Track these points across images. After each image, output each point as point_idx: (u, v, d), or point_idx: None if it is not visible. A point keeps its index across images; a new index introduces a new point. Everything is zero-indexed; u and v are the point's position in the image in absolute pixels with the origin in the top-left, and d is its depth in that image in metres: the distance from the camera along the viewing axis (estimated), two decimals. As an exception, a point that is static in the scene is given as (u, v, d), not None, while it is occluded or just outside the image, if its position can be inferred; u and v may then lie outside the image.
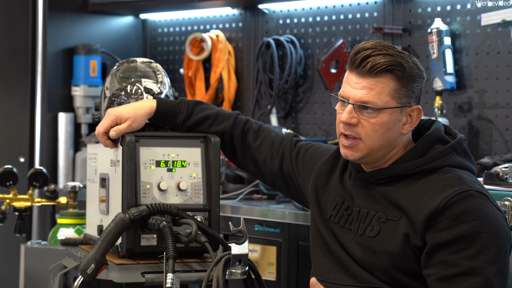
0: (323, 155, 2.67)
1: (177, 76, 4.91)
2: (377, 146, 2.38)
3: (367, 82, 2.35)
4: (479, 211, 2.26)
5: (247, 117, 2.87)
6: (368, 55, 2.34)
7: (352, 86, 2.37)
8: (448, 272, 2.24)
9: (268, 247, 3.69)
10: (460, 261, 2.23)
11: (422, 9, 3.88)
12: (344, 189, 2.51)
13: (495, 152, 3.62)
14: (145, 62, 2.90)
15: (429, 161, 2.36)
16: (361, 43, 2.39)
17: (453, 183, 2.30)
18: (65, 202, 3.47)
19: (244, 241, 2.46)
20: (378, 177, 2.41)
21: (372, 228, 2.39)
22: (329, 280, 2.47)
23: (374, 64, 2.33)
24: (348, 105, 2.37)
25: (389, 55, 2.34)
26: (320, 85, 4.21)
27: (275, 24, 4.46)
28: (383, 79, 2.34)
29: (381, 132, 2.36)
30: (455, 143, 2.40)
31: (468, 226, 2.24)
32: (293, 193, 2.78)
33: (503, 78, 3.62)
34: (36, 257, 3.35)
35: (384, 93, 2.34)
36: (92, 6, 4.80)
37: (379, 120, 2.35)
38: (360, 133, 2.37)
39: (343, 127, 2.40)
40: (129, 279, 2.59)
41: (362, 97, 2.35)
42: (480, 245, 2.23)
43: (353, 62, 2.37)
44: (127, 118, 2.71)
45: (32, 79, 4.70)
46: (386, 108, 2.34)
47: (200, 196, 2.70)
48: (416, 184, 2.35)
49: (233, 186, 4.13)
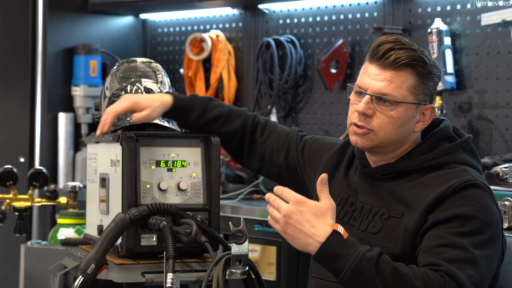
0: (329, 148, 2.67)
1: (177, 76, 4.91)
2: (388, 139, 2.38)
3: (387, 74, 2.36)
4: (479, 199, 2.27)
5: (254, 113, 2.87)
6: (391, 48, 2.35)
7: (372, 77, 2.38)
8: (434, 243, 2.23)
9: (268, 247, 3.69)
10: (448, 235, 2.23)
11: (422, 9, 3.88)
12: (349, 185, 2.52)
13: (495, 152, 3.62)
14: (145, 62, 2.90)
15: (435, 157, 2.38)
16: (383, 36, 2.40)
17: (458, 175, 2.32)
18: (65, 202, 3.47)
19: (244, 241, 2.46)
20: (383, 172, 2.43)
21: (374, 224, 2.40)
22: (328, 278, 2.47)
23: (397, 57, 2.34)
24: (366, 95, 2.38)
25: (412, 50, 2.36)
26: (320, 85, 4.21)
27: (275, 24, 4.46)
28: (404, 73, 2.35)
29: (396, 126, 2.37)
30: (462, 141, 2.42)
31: (465, 209, 2.25)
32: (298, 186, 2.78)
33: (503, 78, 3.62)
34: (36, 257, 3.35)
35: (404, 87, 2.35)
36: (92, 6, 4.80)
37: (395, 113, 2.36)
38: (373, 125, 2.38)
39: (357, 117, 2.39)
40: (129, 279, 2.59)
41: (382, 89, 2.35)
42: (471, 228, 2.23)
43: (375, 53, 2.37)
44: (145, 106, 2.65)
45: (32, 79, 4.70)
46: (404, 103, 2.36)
47: (200, 196, 2.70)
48: (421, 179, 2.37)
49: (233, 186, 4.13)
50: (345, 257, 2.16)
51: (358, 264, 2.16)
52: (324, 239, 2.17)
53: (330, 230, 2.18)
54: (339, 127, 4.20)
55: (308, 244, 2.19)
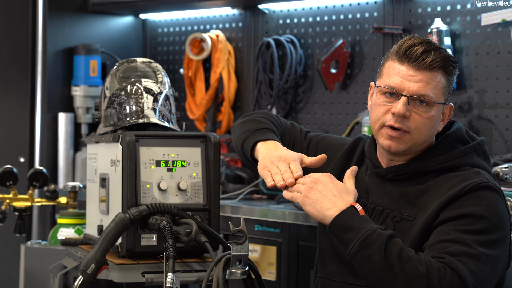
0: (338, 148, 2.66)
1: (177, 76, 4.91)
2: (421, 140, 2.40)
3: (423, 75, 2.36)
4: (490, 200, 2.28)
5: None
6: (427, 50, 2.36)
7: (407, 78, 2.37)
8: (439, 238, 2.25)
9: (268, 247, 3.69)
10: (454, 232, 2.24)
11: (422, 9, 3.88)
12: (359, 186, 2.50)
13: (495, 152, 3.62)
14: (145, 62, 2.90)
15: (449, 159, 2.39)
16: (407, 37, 2.41)
17: (472, 177, 2.33)
18: (65, 202, 3.47)
19: (244, 241, 2.46)
20: (396, 173, 2.42)
21: (386, 226, 2.39)
22: (335, 279, 2.47)
23: (434, 59, 2.36)
24: (402, 97, 2.37)
25: (444, 52, 2.39)
26: (320, 85, 4.21)
27: (275, 24, 4.46)
28: (437, 74, 2.37)
29: (429, 126, 2.39)
30: (476, 144, 2.43)
31: (475, 209, 2.26)
32: None
33: (503, 78, 3.62)
34: (36, 257, 3.35)
35: (438, 88, 2.38)
36: (92, 6, 4.80)
37: (430, 114, 2.38)
38: (410, 126, 2.37)
39: (393, 119, 2.38)
40: (129, 279, 2.59)
41: (420, 90, 2.36)
42: (480, 227, 2.24)
43: (409, 54, 2.37)
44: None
45: (32, 79, 4.70)
46: (440, 103, 2.39)
47: (200, 196, 2.70)
48: (434, 181, 2.37)
49: (233, 186, 4.13)
50: (358, 230, 2.24)
51: (369, 236, 2.21)
52: (342, 209, 2.28)
53: (349, 204, 2.31)
54: (339, 127, 4.19)
55: (327, 209, 2.30)
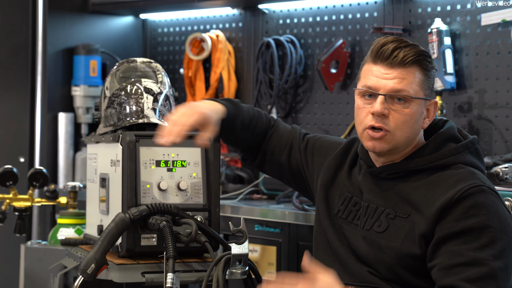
0: (332, 148, 2.66)
1: (177, 76, 4.91)
2: (404, 138, 2.39)
3: (398, 72, 2.36)
4: (489, 206, 2.27)
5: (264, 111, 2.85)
6: (397, 47, 2.37)
7: (381, 77, 2.37)
8: (453, 261, 2.24)
9: (268, 247, 3.69)
10: (466, 251, 2.23)
11: (422, 9, 3.88)
12: (353, 185, 2.51)
13: (495, 152, 3.62)
14: (145, 62, 2.90)
15: (442, 157, 2.38)
16: (381, 37, 2.41)
17: (466, 178, 2.32)
18: (65, 202, 3.47)
19: (244, 241, 2.46)
20: (389, 172, 2.42)
21: (380, 223, 2.39)
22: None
23: (406, 54, 2.36)
24: (379, 96, 2.37)
25: (416, 47, 2.38)
26: (320, 85, 4.21)
27: (275, 24, 4.46)
28: (412, 70, 2.37)
29: (411, 123, 2.38)
30: (468, 142, 2.43)
31: (478, 220, 2.25)
32: (300, 186, 2.77)
33: (503, 78, 3.62)
34: (36, 257, 3.35)
35: (415, 83, 2.37)
36: (92, 6, 4.80)
37: (410, 111, 2.37)
38: (390, 124, 2.37)
39: (373, 119, 2.38)
40: (129, 279, 2.59)
41: (395, 86, 2.36)
42: (487, 239, 2.24)
43: (381, 54, 2.37)
44: (212, 122, 2.54)
45: (32, 79, 4.70)
46: (418, 98, 2.37)
47: (200, 196, 2.70)
48: (428, 179, 2.37)
49: (233, 186, 4.12)
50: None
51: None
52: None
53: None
54: (339, 127, 4.19)
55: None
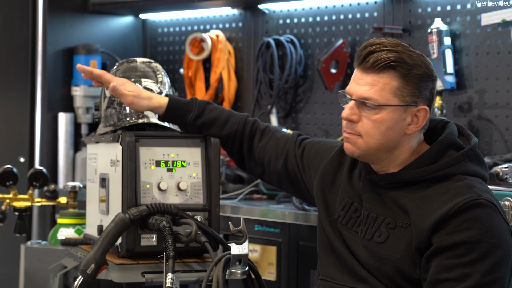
0: (328, 151, 2.63)
1: (177, 76, 4.91)
2: (376, 145, 2.34)
3: (370, 78, 2.31)
4: (484, 220, 2.22)
5: (255, 118, 2.86)
6: (372, 51, 2.30)
7: (356, 82, 2.34)
8: (441, 276, 2.21)
9: (268, 247, 3.69)
10: (455, 267, 2.20)
11: (422, 9, 3.88)
12: (353, 190, 2.48)
13: (495, 152, 3.62)
14: (145, 62, 2.90)
15: (441, 168, 2.32)
16: (372, 39, 2.36)
17: (463, 192, 2.26)
18: (65, 202, 3.47)
19: (244, 241, 2.46)
20: (387, 181, 2.37)
21: (380, 233, 2.35)
22: (335, 280, 2.45)
23: (376, 60, 2.29)
24: (350, 101, 2.35)
25: (394, 52, 2.29)
26: (320, 85, 4.21)
27: (275, 24, 4.46)
28: (386, 76, 2.30)
29: (381, 130, 2.32)
30: (468, 149, 2.35)
31: (470, 233, 2.21)
32: (300, 192, 2.76)
33: (503, 78, 3.62)
34: (36, 257, 3.35)
35: (386, 90, 2.30)
36: (92, 6, 4.80)
37: (379, 117, 2.31)
38: (360, 130, 2.34)
39: (344, 124, 2.38)
40: (129, 279, 2.59)
41: (363, 93, 2.31)
42: (478, 254, 2.20)
43: (358, 57, 2.34)
44: (132, 92, 2.70)
45: (32, 79, 4.70)
46: (387, 106, 2.31)
47: (200, 196, 2.70)
48: (426, 191, 2.31)
49: (233, 186, 4.12)
50: None
51: None
52: None
53: None
54: (339, 127, 4.19)
55: None
